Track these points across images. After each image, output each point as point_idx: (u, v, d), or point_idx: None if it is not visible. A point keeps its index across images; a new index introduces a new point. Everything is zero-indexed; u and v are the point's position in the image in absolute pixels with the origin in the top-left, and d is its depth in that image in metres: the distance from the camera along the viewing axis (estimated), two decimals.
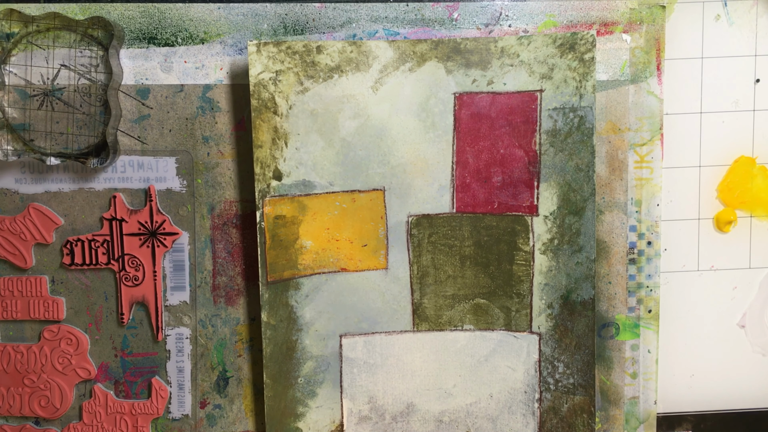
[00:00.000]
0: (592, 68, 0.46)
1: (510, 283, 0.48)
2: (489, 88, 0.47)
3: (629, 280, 0.50)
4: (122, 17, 0.47)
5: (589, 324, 0.48)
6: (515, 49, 0.46)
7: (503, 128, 0.47)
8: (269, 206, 0.47)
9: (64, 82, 0.47)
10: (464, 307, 0.49)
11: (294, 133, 0.47)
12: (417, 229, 0.48)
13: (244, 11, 0.48)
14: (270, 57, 0.46)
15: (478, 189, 0.48)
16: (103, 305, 0.49)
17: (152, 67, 0.48)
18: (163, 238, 0.48)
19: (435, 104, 0.47)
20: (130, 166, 0.48)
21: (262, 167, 0.47)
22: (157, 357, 0.50)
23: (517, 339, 0.49)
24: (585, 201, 0.48)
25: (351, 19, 0.48)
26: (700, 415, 0.52)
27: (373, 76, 0.46)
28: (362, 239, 0.48)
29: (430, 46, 0.46)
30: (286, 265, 0.48)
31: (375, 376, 0.49)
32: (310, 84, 0.46)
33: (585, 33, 0.46)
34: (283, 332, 0.48)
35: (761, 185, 0.50)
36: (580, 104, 0.47)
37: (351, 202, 0.47)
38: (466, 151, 0.47)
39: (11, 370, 0.49)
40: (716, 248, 0.51)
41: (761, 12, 0.49)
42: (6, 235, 0.48)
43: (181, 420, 0.50)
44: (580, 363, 0.49)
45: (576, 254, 0.48)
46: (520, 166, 0.47)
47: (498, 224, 0.48)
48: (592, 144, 0.47)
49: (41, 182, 0.48)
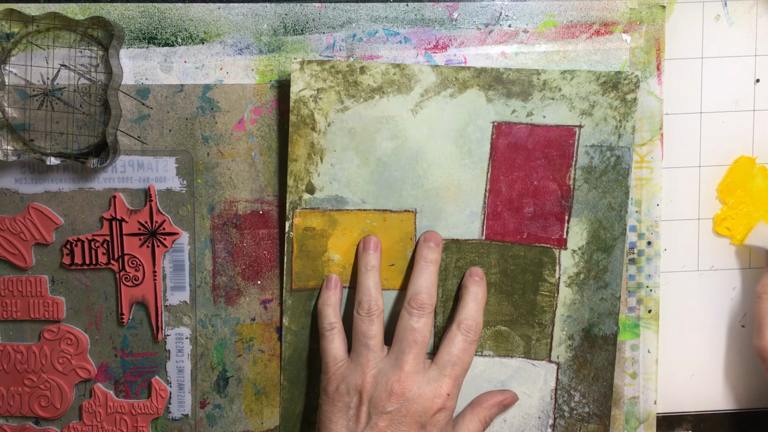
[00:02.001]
0: (633, 109, 0.46)
1: (533, 312, 0.48)
2: (528, 119, 0.47)
3: (629, 280, 0.50)
4: (122, 17, 0.47)
5: (609, 358, 0.48)
6: (558, 83, 0.46)
7: (539, 160, 0.47)
8: (299, 218, 0.47)
9: (64, 82, 0.47)
10: (486, 332, 0.48)
11: (330, 149, 0.47)
12: (445, 253, 0.48)
13: (244, 11, 0.48)
14: (313, 75, 0.46)
15: (509, 218, 0.47)
16: (103, 305, 0.49)
17: (152, 67, 0.48)
18: (163, 238, 0.48)
19: (473, 131, 0.47)
20: (130, 166, 0.48)
21: (295, 180, 0.47)
22: (157, 357, 0.50)
23: (535, 366, 0.48)
24: (615, 240, 0.47)
25: (351, 19, 0.48)
26: (700, 415, 0.52)
27: (414, 99, 0.46)
28: (390, 259, 0.48)
29: (472, 74, 0.46)
30: (312, 276, 0.48)
31: None
32: (351, 103, 0.46)
33: (629, 73, 0.46)
34: (304, 339, 0.48)
35: (761, 185, 0.50)
36: (618, 144, 0.47)
37: (382, 221, 0.47)
38: (500, 180, 0.47)
39: (11, 370, 0.49)
40: (716, 248, 0.51)
41: (761, 12, 0.49)
42: (6, 235, 0.48)
43: (180, 420, 0.50)
44: (596, 394, 0.48)
45: (601, 290, 0.48)
46: (552, 199, 0.47)
47: (526, 254, 0.48)
48: (627, 185, 0.47)
49: (41, 182, 0.48)
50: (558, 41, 0.48)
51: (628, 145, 0.47)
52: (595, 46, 0.48)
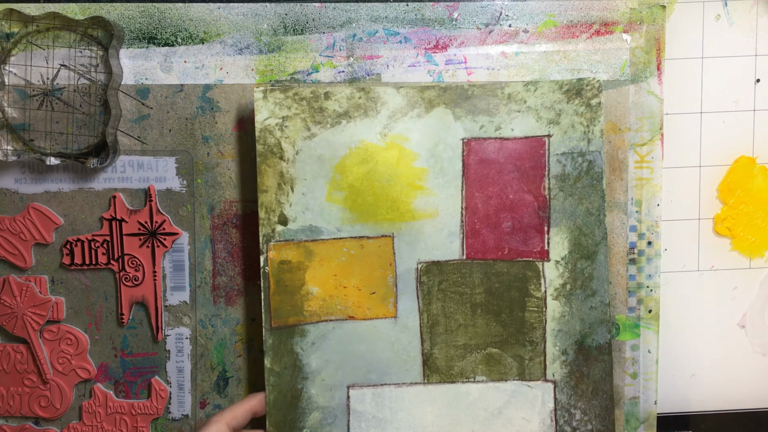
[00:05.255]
0: (599, 113, 0.46)
1: (522, 330, 0.47)
2: (497, 133, 0.46)
3: (629, 280, 0.50)
4: (122, 17, 0.47)
5: (606, 369, 0.47)
6: (522, 95, 0.46)
7: (512, 173, 0.47)
8: (274, 251, 0.46)
9: (63, 82, 0.47)
10: (476, 357, 0.47)
11: (301, 178, 0.46)
12: (426, 276, 0.47)
13: (244, 11, 0.48)
14: (276, 103, 0.45)
15: (488, 235, 0.47)
16: (102, 305, 0.49)
17: (152, 67, 0.48)
18: (163, 238, 0.48)
19: (443, 150, 0.46)
20: (130, 166, 0.48)
21: (266, 212, 0.46)
22: (157, 357, 0.49)
23: (531, 388, 0.48)
24: (597, 245, 0.47)
25: (351, 19, 0.48)
26: (700, 415, 0.52)
27: (382, 122, 0.46)
28: (371, 287, 0.47)
29: (437, 92, 0.46)
30: (291, 311, 0.47)
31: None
32: (318, 129, 0.46)
33: (591, 79, 0.46)
34: (288, 380, 0.47)
35: (761, 185, 0.50)
36: (589, 149, 0.46)
37: (359, 249, 0.47)
38: (475, 197, 0.47)
39: (11, 370, 0.49)
40: (716, 248, 0.51)
41: (761, 12, 0.49)
42: (6, 235, 0.48)
43: (180, 420, 0.50)
44: (598, 408, 0.48)
45: (589, 299, 0.47)
46: (529, 211, 0.47)
47: (509, 270, 0.47)
48: (602, 188, 0.47)
49: (41, 182, 0.48)
50: (558, 41, 0.48)
51: (598, 149, 0.46)
52: (596, 46, 0.48)
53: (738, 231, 0.50)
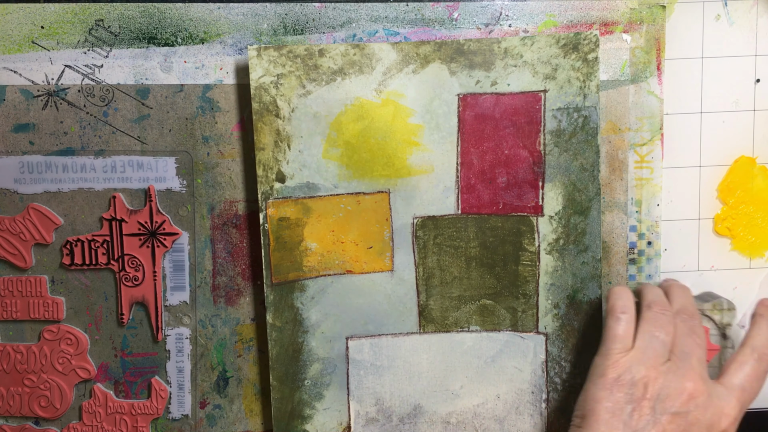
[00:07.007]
0: (595, 68, 0.46)
1: (516, 283, 0.48)
2: (493, 89, 0.47)
3: (629, 280, 0.50)
4: (122, 17, 0.47)
5: (596, 325, 0.48)
6: (518, 49, 0.46)
7: (507, 129, 0.47)
8: (272, 208, 0.47)
9: (68, 83, 0.47)
10: (470, 308, 0.48)
11: (297, 135, 0.46)
12: (422, 230, 0.48)
13: (244, 11, 0.48)
14: (271, 61, 0.46)
15: (483, 190, 0.48)
16: (102, 305, 0.49)
17: (152, 67, 0.48)
18: (163, 238, 0.48)
19: (439, 106, 0.47)
20: (130, 166, 0.48)
21: (264, 169, 0.47)
22: (157, 357, 0.49)
23: (524, 339, 0.49)
24: (590, 201, 0.47)
25: (351, 19, 0.48)
26: None
27: (377, 78, 0.46)
28: (367, 241, 0.48)
29: (433, 48, 0.46)
30: (291, 267, 0.47)
31: (382, 378, 0.49)
32: (313, 87, 0.46)
33: (588, 33, 0.46)
34: (289, 334, 0.48)
35: (761, 185, 0.50)
36: (584, 104, 0.47)
37: (356, 205, 0.47)
38: (471, 153, 0.47)
39: (11, 370, 0.49)
40: (716, 248, 0.51)
41: (761, 12, 0.49)
42: (6, 235, 0.48)
43: (180, 420, 0.50)
44: (587, 363, 0.48)
45: (582, 254, 0.48)
46: (524, 166, 0.47)
47: (503, 225, 0.48)
48: (597, 144, 0.47)
49: (41, 182, 0.48)
50: None
51: (593, 105, 0.47)
52: None
53: (738, 231, 0.50)
